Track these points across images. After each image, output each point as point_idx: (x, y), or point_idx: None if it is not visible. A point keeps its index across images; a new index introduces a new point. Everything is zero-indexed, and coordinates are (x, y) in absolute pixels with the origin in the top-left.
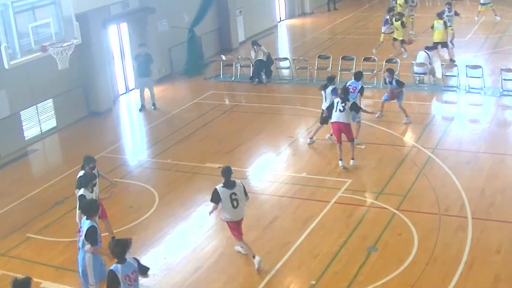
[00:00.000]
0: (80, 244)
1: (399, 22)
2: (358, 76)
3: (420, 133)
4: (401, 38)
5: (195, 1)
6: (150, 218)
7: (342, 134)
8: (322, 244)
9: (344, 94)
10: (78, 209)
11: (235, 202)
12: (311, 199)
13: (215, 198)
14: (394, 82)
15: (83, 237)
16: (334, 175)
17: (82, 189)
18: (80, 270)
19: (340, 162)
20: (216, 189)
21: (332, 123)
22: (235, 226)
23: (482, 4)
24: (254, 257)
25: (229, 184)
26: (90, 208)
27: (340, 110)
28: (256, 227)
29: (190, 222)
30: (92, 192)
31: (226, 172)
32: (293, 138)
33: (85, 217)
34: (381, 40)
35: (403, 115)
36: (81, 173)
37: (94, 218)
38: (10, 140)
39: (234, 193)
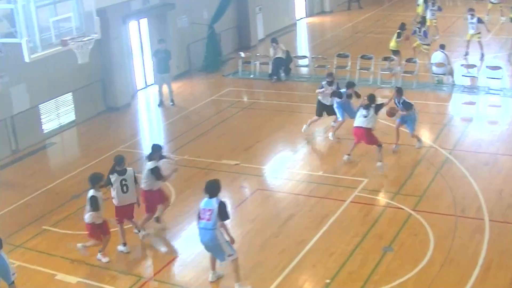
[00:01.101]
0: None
1: (395, 34)
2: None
3: (438, 133)
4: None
5: None
6: (166, 214)
7: (361, 140)
8: (338, 243)
9: (370, 101)
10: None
11: (125, 188)
12: (327, 197)
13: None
14: (401, 104)
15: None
16: (351, 174)
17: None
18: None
19: (345, 156)
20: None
21: (354, 127)
22: (122, 212)
23: (492, 3)
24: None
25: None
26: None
27: (363, 116)
28: (272, 224)
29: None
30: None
31: (118, 160)
32: (311, 136)
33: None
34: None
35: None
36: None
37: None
38: (29, 133)
39: (125, 179)
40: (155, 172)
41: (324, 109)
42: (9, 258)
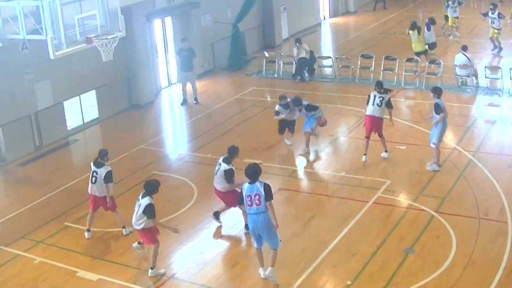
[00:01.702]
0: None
1: (415, 31)
2: (309, 108)
3: (462, 135)
4: (420, 50)
5: None
6: (187, 212)
7: (373, 129)
8: (359, 244)
9: (379, 87)
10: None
11: (93, 179)
12: (349, 198)
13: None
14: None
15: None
16: (374, 175)
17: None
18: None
19: (364, 157)
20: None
21: (366, 116)
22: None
23: None
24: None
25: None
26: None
27: (377, 104)
28: (293, 224)
29: (228, 218)
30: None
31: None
32: (333, 136)
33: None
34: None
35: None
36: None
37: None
38: (53, 130)
39: (96, 172)
40: (227, 174)
41: (286, 126)
42: (31, 253)
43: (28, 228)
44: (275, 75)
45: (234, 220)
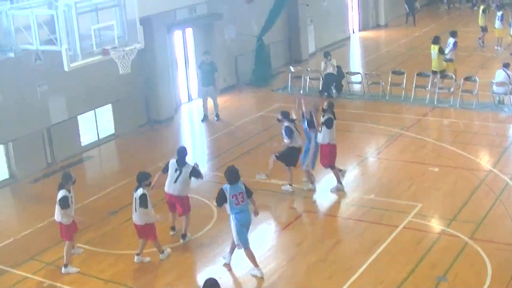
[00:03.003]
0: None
1: (437, 47)
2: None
3: (498, 157)
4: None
5: (264, 8)
6: (206, 234)
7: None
8: (388, 271)
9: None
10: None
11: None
12: (378, 222)
13: None
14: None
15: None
16: (404, 198)
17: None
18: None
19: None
20: None
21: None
22: None
23: None
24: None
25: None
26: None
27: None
28: (319, 248)
29: (250, 241)
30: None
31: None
32: (362, 157)
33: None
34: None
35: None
36: None
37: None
38: (66, 145)
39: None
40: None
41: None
42: (40, 276)
43: (38, 249)
44: (301, 91)
45: (256, 244)
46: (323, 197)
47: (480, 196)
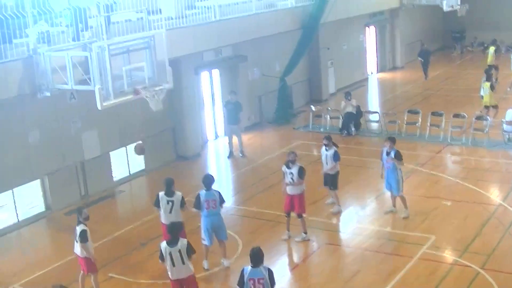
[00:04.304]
0: None
1: (488, 84)
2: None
3: (508, 192)
4: (491, 104)
5: (287, 51)
6: (232, 266)
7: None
8: None
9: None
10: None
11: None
12: (394, 254)
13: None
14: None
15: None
16: (418, 230)
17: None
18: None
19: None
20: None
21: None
22: None
23: None
24: None
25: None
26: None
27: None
28: (337, 279)
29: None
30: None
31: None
32: (379, 191)
33: None
34: None
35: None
36: None
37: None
38: (99, 180)
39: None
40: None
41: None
42: None
43: (72, 278)
44: (322, 129)
45: (279, 274)
46: (343, 229)
47: (491, 228)
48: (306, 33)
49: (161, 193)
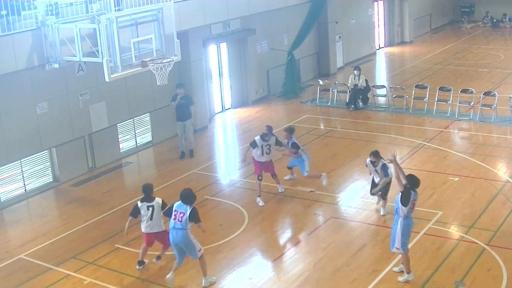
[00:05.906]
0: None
1: None
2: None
3: None
4: None
5: (295, 24)
6: (238, 238)
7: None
8: None
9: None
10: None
11: None
12: None
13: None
14: (290, 144)
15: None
16: (426, 206)
17: None
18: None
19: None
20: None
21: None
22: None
23: None
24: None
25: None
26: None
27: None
28: (344, 253)
29: (278, 245)
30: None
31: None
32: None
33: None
34: None
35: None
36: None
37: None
38: (106, 152)
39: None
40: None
41: None
42: (81, 274)
43: (79, 248)
44: (329, 103)
45: (285, 247)
46: (349, 204)
47: (498, 205)
48: (315, 6)
49: (139, 202)
